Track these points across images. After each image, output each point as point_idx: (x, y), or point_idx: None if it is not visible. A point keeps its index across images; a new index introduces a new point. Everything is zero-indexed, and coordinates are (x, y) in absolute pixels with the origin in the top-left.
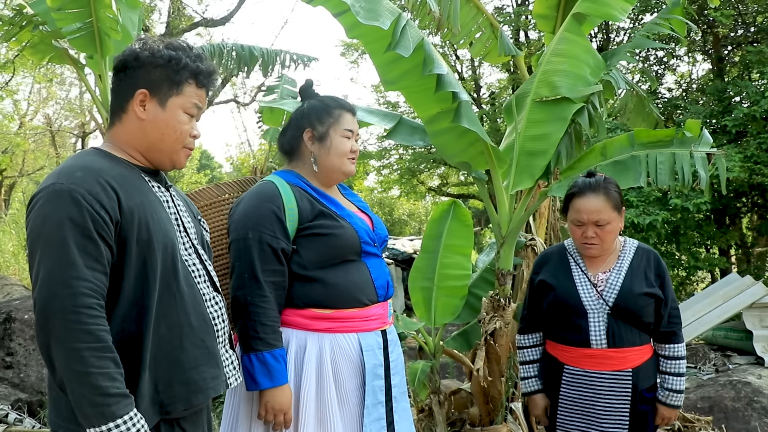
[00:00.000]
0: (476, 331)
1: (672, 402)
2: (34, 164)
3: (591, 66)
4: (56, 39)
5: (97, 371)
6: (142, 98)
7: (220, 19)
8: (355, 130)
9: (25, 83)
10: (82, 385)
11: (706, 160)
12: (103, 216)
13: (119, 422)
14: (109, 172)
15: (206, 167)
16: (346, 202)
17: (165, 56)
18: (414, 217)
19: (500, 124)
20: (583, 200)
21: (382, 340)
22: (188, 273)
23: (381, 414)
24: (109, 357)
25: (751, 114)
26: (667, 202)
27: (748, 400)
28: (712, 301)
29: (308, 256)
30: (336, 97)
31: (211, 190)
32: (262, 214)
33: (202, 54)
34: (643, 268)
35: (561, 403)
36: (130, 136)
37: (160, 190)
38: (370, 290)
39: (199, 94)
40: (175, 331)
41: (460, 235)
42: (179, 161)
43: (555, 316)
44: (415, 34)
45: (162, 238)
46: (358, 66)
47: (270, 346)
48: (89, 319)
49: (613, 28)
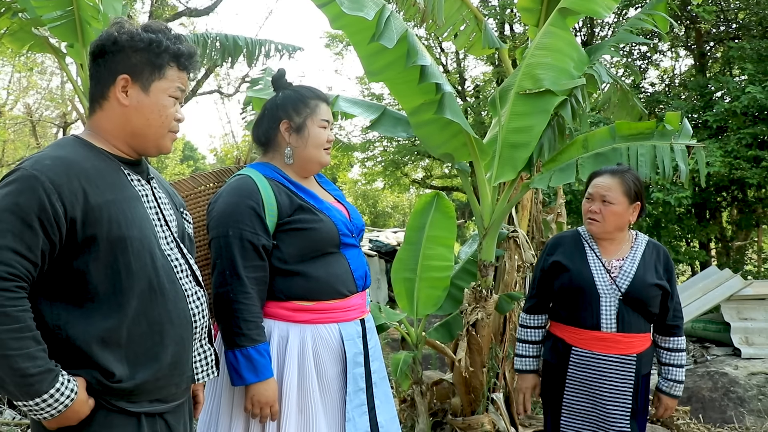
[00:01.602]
0: (458, 322)
1: (675, 392)
2: (14, 155)
3: (575, 60)
4: (36, 27)
5: (16, 353)
6: (124, 84)
7: (204, 9)
8: (331, 120)
9: (4, 72)
10: (2, 367)
11: (686, 152)
12: (56, 208)
13: (45, 397)
14: (83, 165)
15: (189, 158)
16: (323, 192)
17: (145, 39)
18: (398, 210)
19: (485, 117)
20: (600, 178)
21: (361, 329)
22: (170, 268)
23: (362, 400)
24: (29, 336)
25: (732, 109)
26: (649, 195)
27: (724, 391)
28: (691, 293)
29: (288, 250)
30: (310, 87)
31: (187, 182)
32: (242, 210)
33: (181, 35)
34: (654, 261)
35: (568, 385)
36: (113, 124)
37: (140, 183)
38: (349, 281)
39: (182, 77)
40: (155, 328)
41: (443, 226)
42: (165, 146)
43: (567, 297)
44: (399, 26)
45: (138, 234)
46: (342, 58)
47: (254, 341)
48: (6, 301)
49: (597, 22)
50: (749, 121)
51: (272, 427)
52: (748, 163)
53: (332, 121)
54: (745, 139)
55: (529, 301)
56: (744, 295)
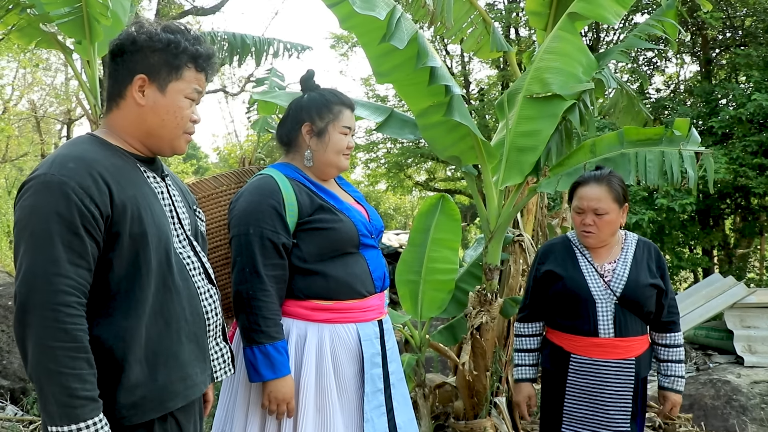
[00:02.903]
0: (462, 326)
1: (678, 387)
2: (18, 150)
3: (583, 65)
4: (44, 23)
5: (69, 371)
6: (141, 84)
7: (210, 7)
8: (353, 127)
9: (10, 68)
10: (52, 384)
11: (694, 159)
12: (92, 211)
13: (82, 425)
14: (103, 162)
15: (192, 157)
16: (344, 194)
17: (163, 40)
18: (400, 212)
19: (489, 120)
20: (586, 189)
21: (378, 330)
22: (183, 266)
23: (381, 401)
24: (83, 358)
25: (737, 116)
26: (653, 201)
27: (727, 399)
28: (694, 300)
29: (308, 249)
30: (336, 92)
31: (208, 182)
32: (263, 209)
33: (200, 36)
34: (646, 259)
35: (568, 392)
36: (129, 122)
37: (155, 180)
38: (368, 282)
39: (199, 78)
40: (173, 326)
41: (448, 229)
42: (180, 147)
43: (562, 305)
44: (410, 27)
45: (156, 231)
46: (347, 59)
47: (272, 338)
48: (67, 317)
49: (603, 27)
50: (755, 129)
51: (289, 425)
52: (753, 170)
53: (354, 128)
54: (751, 146)
55: (523, 311)
56: (747, 303)
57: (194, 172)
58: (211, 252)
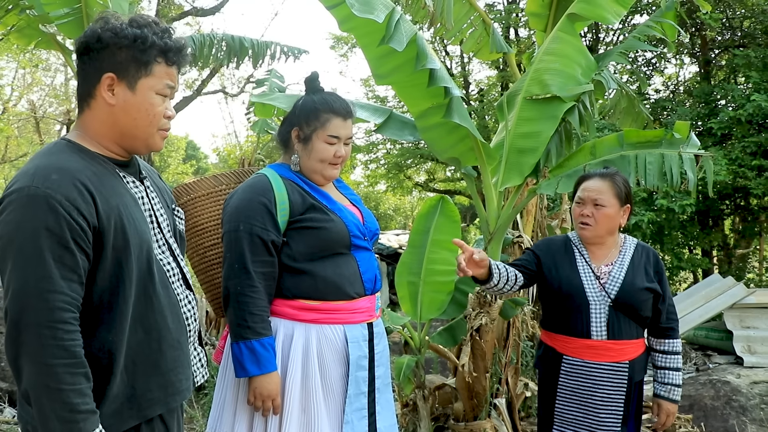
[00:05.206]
0: (462, 327)
1: (674, 396)
2: (17, 150)
3: (583, 66)
4: (43, 24)
5: (70, 388)
6: (109, 82)
7: (210, 8)
8: (343, 136)
9: (9, 68)
10: (53, 401)
11: (694, 161)
12: (80, 223)
13: None
14: (85, 172)
15: (192, 158)
16: (339, 195)
17: (130, 35)
18: (399, 212)
19: (488, 121)
20: (589, 181)
21: (367, 333)
22: (164, 273)
23: (363, 404)
24: (82, 373)
25: (737, 117)
26: (653, 202)
27: (726, 399)
28: (694, 301)
29: (298, 248)
30: (331, 99)
31: (208, 180)
32: (253, 207)
33: (169, 29)
34: (644, 263)
35: (559, 394)
36: (101, 123)
37: (134, 184)
38: (357, 283)
39: (170, 73)
40: (153, 335)
41: (448, 230)
42: (155, 144)
43: (556, 305)
44: (409, 29)
45: (138, 241)
46: (347, 60)
47: (258, 334)
48: (65, 334)
49: (602, 28)
50: (754, 130)
51: (274, 424)
52: (752, 171)
53: (346, 136)
54: (750, 147)
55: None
56: (747, 303)
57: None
58: (209, 250)
